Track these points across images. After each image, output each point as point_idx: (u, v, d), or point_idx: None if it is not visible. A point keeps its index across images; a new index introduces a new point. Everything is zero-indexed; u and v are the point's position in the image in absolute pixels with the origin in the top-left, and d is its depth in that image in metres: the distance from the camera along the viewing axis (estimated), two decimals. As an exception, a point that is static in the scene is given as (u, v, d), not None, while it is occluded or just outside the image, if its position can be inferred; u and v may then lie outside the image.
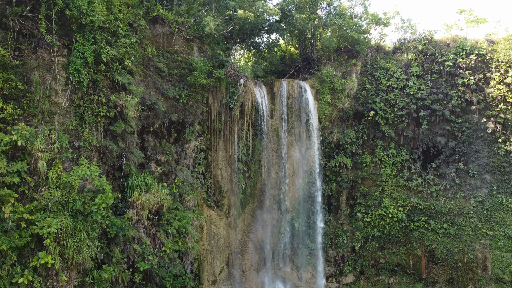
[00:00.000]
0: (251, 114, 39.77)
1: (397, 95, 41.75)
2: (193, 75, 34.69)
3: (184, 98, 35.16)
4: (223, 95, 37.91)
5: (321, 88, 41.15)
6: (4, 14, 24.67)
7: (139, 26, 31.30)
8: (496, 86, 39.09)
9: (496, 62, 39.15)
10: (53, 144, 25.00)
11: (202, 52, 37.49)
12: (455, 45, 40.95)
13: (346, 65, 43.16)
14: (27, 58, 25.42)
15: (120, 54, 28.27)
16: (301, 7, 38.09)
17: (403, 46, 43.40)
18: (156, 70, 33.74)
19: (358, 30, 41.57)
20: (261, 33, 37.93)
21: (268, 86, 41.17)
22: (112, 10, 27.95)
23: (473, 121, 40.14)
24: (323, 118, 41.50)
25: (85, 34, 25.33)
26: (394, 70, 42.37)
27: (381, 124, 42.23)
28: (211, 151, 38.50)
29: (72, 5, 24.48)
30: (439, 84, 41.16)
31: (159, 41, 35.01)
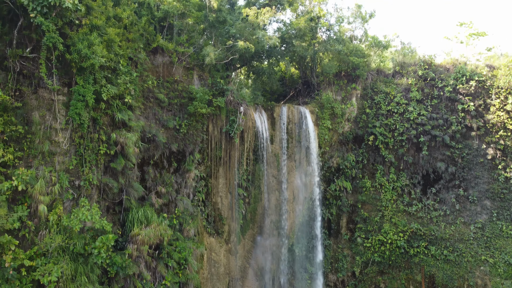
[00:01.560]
0: (251, 140, 39.77)
1: (397, 120, 41.78)
2: (193, 104, 34.69)
3: (184, 127, 35.18)
4: (223, 123, 37.91)
5: (321, 114, 41.17)
6: (5, 56, 24.66)
7: (139, 60, 31.31)
8: (496, 112, 39.13)
9: (496, 88, 39.20)
10: (53, 185, 24.96)
11: (202, 80, 37.49)
12: (455, 70, 40.99)
13: (346, 89, 43.18)
14: (28, 99, 25.38)
15: (121, 91, 28.25)
16: (301, 34, 38.11)
17: (403, 69, 43.40)
18: (157, 101, 33.76)
19: (358, 55, 41.57)
20: (261, 58, 37.89)
21: (268, 112, 41.19)
22: (112, 47, 27.92)
23: (473, 147, 40.17)
24: (323, 143, 41.52)
25: (86, 76, 25.31)
26: (394, 95, 42.39)
27: (381, 149, 42.25)
28: (211, 179, 38.49)
29: (72, 49, 24.48)
30: (439, 109, 41.18)
31: (159, 71, 35.02)
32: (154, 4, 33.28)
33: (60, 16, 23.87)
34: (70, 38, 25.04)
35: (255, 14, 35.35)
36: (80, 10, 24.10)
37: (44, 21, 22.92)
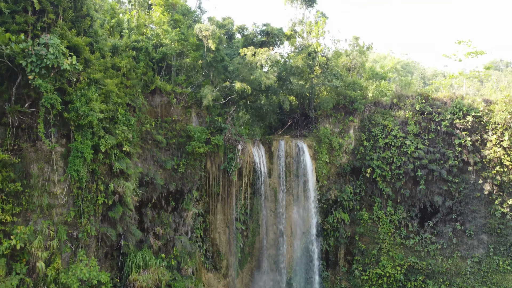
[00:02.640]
0: (249, 174, 39.96)
1: (395, 153, 41.97)
2: (191, 144, 34.88)
3: (182, 167, 35.37)
4: (221, 160, 38.09)
5: (318, 148, 41.36)
6: (3, 111, 24.86)
7: (137, 105, 31.47)
8: (492, 148, 39.32)
9: (492, 124, 39.40)
10: (51, 240, 25.16)
11: (200, 117, 37.67)
12: (452, 104, 41.18)
13: (344, 122, 43.37)
14: (26, 152, 25.55)
15: (119, 140, 28.44)
16: (298, 72, 38.28)
17: (400, 102, 43.60)
18: (155, 143, 33.95)
19: (356, 88, 41.79)
20: (258, 95, 38.07)
21: (266, 145, 41.37)
22: (111, 97, 28.11)
23: (470, 181, 40.36)
24: (320, 177, 41.71)
25: (84, 131, 25.50)
26: (392, 127, 42.58)
27: (379, 181, 42.44)
28: (209, 215, 38.68)
29: (70, 106, 24.71)
30: (436, 143, 41.38)
31: (158, 111, 35.22)
32: (153, 46, 33.40)
33: (58, 76, 24.03)
34: (68, 94, 25.24)
35: (253, 53, 35.52)
36: (78, 69, 24.26)
37: (42, 82, 23.14)
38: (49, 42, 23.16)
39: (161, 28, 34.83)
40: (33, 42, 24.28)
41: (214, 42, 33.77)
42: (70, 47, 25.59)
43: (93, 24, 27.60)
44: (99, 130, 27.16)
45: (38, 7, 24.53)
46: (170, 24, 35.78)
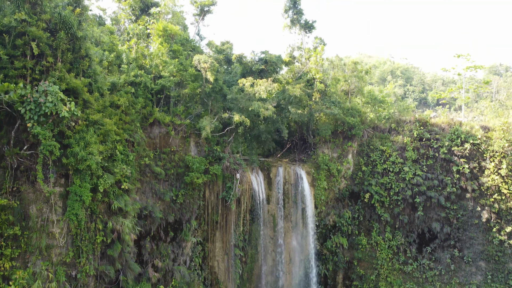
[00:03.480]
0: (247, 201, 40.06)
1: (393, 179, 42.08)
2: (190, 175, 34.99)
3: (181, 197, 35.49)
4: (220, 189, 38.19)
5: (317, 175, 41.47)
6: (2, 154, 24.98)
7: (136, 140, 31.58)
8: (490, 175, 39.42)
9: (490, 152, 39.50)
10: (50, 282, 25.24)
11: (198, 146, 37.78)
12: (450, 131, 41.28)
13: (342, 147, 43.48)
14: (25, 193, 25.63)
15: (117, 178, 28.52)
16: (296, 101, 38.39)
17: (398, 127, 43.71)
18: (153, 174, 34.05)
19: (354, 114, 41.91)
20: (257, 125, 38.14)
21: (264, 171, 41.46)
22: (109, 136, 28.20)
23: (468, 208, 40.48)
24: (319, 203, 41.81)
25: (82, 174, 25.58)
26: (390, 153, 42.69)
27: (377, 207, 42.56)
28: (208, 243, 38.78)
29: (69, 151, 24.80)
30: (435, 169, 41.49)
31: (156, 142, 35.34)
32: (151, 79, 33.47)
33: (57, 122, 24.13)
34: (67, 137, 25.35)
35: (251, 84, 35.61)
36: (76, 114, 24.36)
37: (41, 130, 23.24)
38: (48, 90, 23.24)
39: (160, 58, 34.90)
40: (32, 88, 24.46)
41: (212, 75, 33.86)
42: (69, 89, 25.73)
43: (91, 64, 27.69)
44: (98, 170, 27.25)
45: (37, 52, 24.66)
46: (169, 55, 35.87)
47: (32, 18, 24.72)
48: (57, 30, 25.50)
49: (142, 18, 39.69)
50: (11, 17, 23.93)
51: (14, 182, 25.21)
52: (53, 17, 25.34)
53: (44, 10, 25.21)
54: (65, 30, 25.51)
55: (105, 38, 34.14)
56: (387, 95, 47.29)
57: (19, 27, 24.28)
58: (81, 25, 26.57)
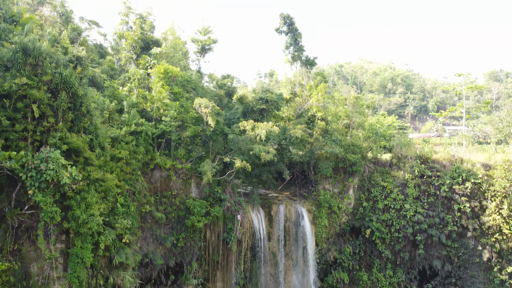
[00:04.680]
0: (248, 240, 39.98)
1: (394, 216, 42.01)
2: (191, 219, 34.92)
3: (182, 241, 35.42)
4: (221, 230, 38.13)
5: (318, 213, 41.40)
6: (3, 214, 24.94)
7: (137, 189, 31.52)
8: (491, 215, 39.35)
9: (492, 191, 39.40)
10: None
11: (199, 187, 37.70)
12: (452, 168, 41.19)
13: (343, 183, 43.41)
14: (26, 252, 25.57)
15: (118, 232, 28.45)
16: (297, 142, 38.26)
17: (399, 162, 43.63)
18: (154, 220, 33.99)
19: (355, 151, 41.81)
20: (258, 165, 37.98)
21: (265, 209, 41.39)
22: (110, 190, 28.12)
23: (469, 246, 40.42)
24: (320, 241, 41.75)
25: (83, 236, 25.50)
26: (391, 189, 42.62)
27: (378, 244, 42.50)
28: (208, 283, 38.72)
29: (70, 215, 24.73)
30: (436, 207, 41.42)
31: (157, 186, 35.27)
32: (152, 126, 33.36)
33: (58, 187, 24.05)
34: (68, 198, 25.27)
35: (252, 127, 35.51)
36: (78, 179, 24.27)
37: (42, 198, 23.15)
38: (49, 156, 23.15)
39: (161, 101, 34.79)
40: (33, 149, 24.46)
41: (213, 120, 33.77)
42: (70, 149, 25.65)
43: (92, 120, 27.59)
44: (99, 228, 27.18)
45: (38, 115, 24.56)
46: (170, 97, 35.75)
47: (33, 80, 24.60)
48: (58, 90, 25.39)
49: (143, 57, 39.58)
50: (12, 81, 23.81)
51: (15, 242, 25.14)
52: (54, 77, 25.23)
53: (45, 72, 25.08)
54: (66, 89, 25.42)
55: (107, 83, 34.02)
56: (389, 128, 47.18)
57: (20, 91, 24.18)
58: (82, 83, 26.45)
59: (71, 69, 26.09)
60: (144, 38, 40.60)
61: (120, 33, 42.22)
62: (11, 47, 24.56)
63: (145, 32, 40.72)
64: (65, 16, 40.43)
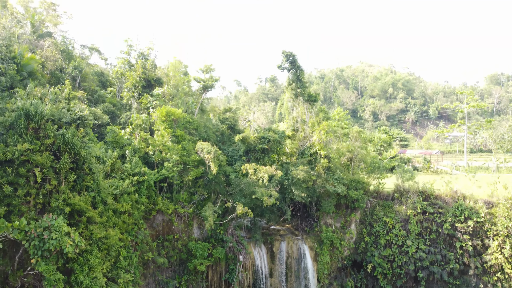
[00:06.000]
0: (250, 276, 40.00)
1: (396, 252, 42.02)
2: (193, 262, 34.97)
3: (184, 284, 35.49)
4: (223, 270, 38.17)
5: (320, 250, 41.42)
6: (6, 275, 24.98)
7: (139, 239, 31.52)
8: (494, 254, 39.30)
9: (494, 231, 39.35)
10: None
11: (201, 228, 37.73)
12: (454, 206, 41.13)
13: (345, 218, 43.42)
14: (29, 310, 25.60)
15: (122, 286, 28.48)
16: (300, 183, 38.19)
17: (402, 197, 43.58)
18: (156, 265, 34.03)
19: (357, 187, 41.77)
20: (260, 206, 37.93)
21: (267, 245, 41.42)
22: (113, 246, 28.11)
23: (471, 284, 40.41)
24: (322, 277, 41.78)
25: (86, 298, 25.49)
26: (393, 224, 42.61)
27: (380, 279, 42.53)
28: (211, 322, 38.79)
29: (73, 279, 24.74)
30: (438, 244, 41.40)
31: (159, 230, 35.30)
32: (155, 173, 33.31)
33: (60, 253, 24.04)
34: (70, 261, 25.27)
35: (254, 170, 35.45)
36: (81, 245, 24.23)
37: (45, 267, 23.14)
38: (51, 224, 23.11)
39: (163, 145, 34.72)
40: (36, 215, 24.43)
41: (216, 165, 33.71)
42: (73, 210, 25.62)
43: (94, 177, 27.51)
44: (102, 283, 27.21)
45: (40, 179, 24.51)
46: (172, 140, 35.68)
47: (35, 144, 24.55)
48: (61, 152, 25.35)
49: (145, 96, 39.43)
50: (14, 148, 23.74)
51: (18, 303, 25.21)
52: (56, 140, 25.17)
53: (47, 135, 25.01)
54: (69, 151, 25.38)
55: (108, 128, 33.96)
56: (391, 161, 47.16)
57: (22, 156, 24.11)
58: (84, 143, 26.38)
59: (74, 129, 26.01)
60: (146, 77, 40.47)
61: (121, 71, 42.11)
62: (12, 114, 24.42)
63: (147, 71, 40.55)
64: (66, 52, 40.26)
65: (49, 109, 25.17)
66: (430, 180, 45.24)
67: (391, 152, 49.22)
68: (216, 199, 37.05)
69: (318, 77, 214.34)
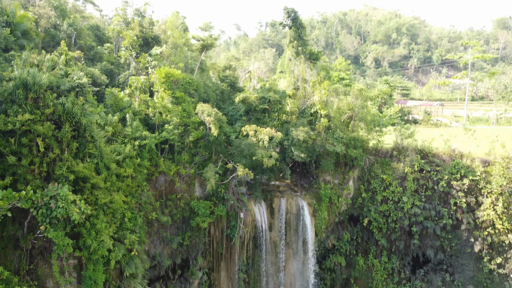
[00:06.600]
0: (251, 231, 41.72)
1: (391, 208, 43.41)
2: (195, 220, 36.32)
3: (187, 240, 37.13)
4: (224, 226, 39.70)
5: (318, 206, 42.71)
6: (17, 239, 26.21)
7: (142, 201, 32.49)
8: (486, 210, 40.63)
9: (488, 189, 40.36)
10: None
11: (203, 186, 38.68)
12: (451, 164, 41.85)
13: (344, 175, 44.32)
14: (41, 270, 27.19)
15: (127, 246, 29.85)
16: (300, 143, 38.35)
17: (400, 154, 44.17)
18: (160, 224, 35.39)
19: (356, 146, 42.20)
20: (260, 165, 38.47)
21: (267, 202, 42.72)
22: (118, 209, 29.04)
23: (462, 238, 42.23)
24: (319, 232, 43.51)
25: (95, 261, 26.83)
26: (390, 181, 43.63)
27: (375, 232, 44.35)
28: (213, 272, 41.10)
29: (81, 243, 25.92)
30: (433, 200, 42.67)
31: (162, 189, 36.26)
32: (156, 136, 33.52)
33: (68, 220, 24.93)
34: (78, 225, 26.29)
35: (254, 132, 35.65)
36: (87, 212, 25.01)
37: (54, 233, 24.12)
38: (57, 193, 23.74)
39: (163, 107, 34.64)
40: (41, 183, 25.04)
41: (216, 128, 33.86)
42: (78, 177, 26.21)
43: (96, 144, 27.77)
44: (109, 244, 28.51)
45: (43, 149, 24.81)
46: (172, 101, 35.50)
47: (35, 114, 24.55)
48: (62, 121, 25.42)
49: (143, 55, 38.50)
50: (15, 119, 23.77)
51: (30, 263, 26.69)
52: (56, 109, 25.14)
53: (47, 104, 24.92)
54: (69, 120, 25.46)
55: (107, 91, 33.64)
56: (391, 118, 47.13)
57: (23, 126, 24.23)
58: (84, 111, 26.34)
59: (73, 97, 25.86)
60: (144, 35, 39.31)
61: (117, 29, 40.78)
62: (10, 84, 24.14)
63: (144, 29, 39.29)
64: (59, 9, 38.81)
65: (47, 77, 24.85)
66: (430, 134, 45.65)
67: (392, 110, 49.14)
68: (217, 160, 37.64)
69: (320, 22, 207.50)
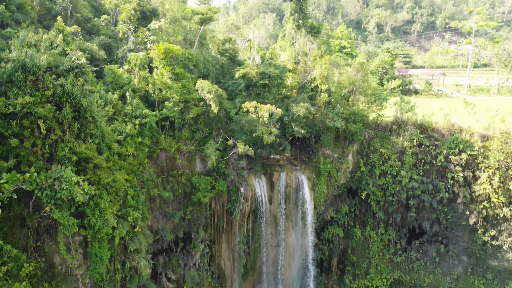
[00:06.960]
0: (251, 205, 42.57)
1: (389, 181, 44.07)
2: (197, 195, 37.01)
3: (189, 214, 37.98)
4: (225, 200, 40.44)
5: (317, 180, 43.30)
6: (23, 218, 26.90)
7: (144, 178, 32.96)
8: (482, 184, 41.31)
9: (486, 163, 40.83)
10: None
11: (204, 162, 39.07)
12: (450, 139, 42.11)
13: (343, 149, 44.65)
14: (48, 246, 28.11)
15: (131, 223, 30.63)
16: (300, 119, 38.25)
17: (400, 128, 44.32)
18: (163, 199, 36.07)
19: (356, 120, 42.27)
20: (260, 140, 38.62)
21: (267, 176, 43.28)
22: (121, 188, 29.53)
23: (457, 210, 43.16)
24: (318, 205, 44.37)
25: (100, 239, 27.59)
26: (389, 155, 44.05)
27: (373, 205, 45.27)
28: (215, 244, 42.27)
29: (86, 222, 26.57)
30: (430, 174, 43.26)
31: (163, 166, 36.69)
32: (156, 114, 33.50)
33: (73, 201, 25.41)
34: (82, 205, 26.84)
35: (255, 109, 35.62)
36: (91, 192, 25.46)
37: (59, 213, 24.68)
38: (61, 175, 24.10)
39: (163, 83, 34.42)
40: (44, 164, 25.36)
41: (216, 105, 33.81)
42: (80, 157, 26.50)
43: (97, 124, 27.86)
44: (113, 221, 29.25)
45: (45, 131, 24.92)
46: (172, 78, 35.21)
47: (35, 96, 24.47)
48: (62, 103, 25.39)
49: (141, 30, 37.69)
50: (15, 102, 23.73)
51: (37, 240, 27.50)
52: (56, 91, 25.05)
53: (46, 86, 24.79)
54: (70, 101, 25.44)
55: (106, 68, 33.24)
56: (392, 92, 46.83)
57: (24, 109, 24.23)
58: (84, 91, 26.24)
59: (73, 78, 25.70)
60: (141, 9, 38.34)
61: (114, 2, 39.71)
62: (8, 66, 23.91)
63: (142, 2, 38.25)
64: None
65: (46, 59, 24.59)
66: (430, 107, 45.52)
67: (392, 83, 48.67)
68: (218, 136, 37.82)
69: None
